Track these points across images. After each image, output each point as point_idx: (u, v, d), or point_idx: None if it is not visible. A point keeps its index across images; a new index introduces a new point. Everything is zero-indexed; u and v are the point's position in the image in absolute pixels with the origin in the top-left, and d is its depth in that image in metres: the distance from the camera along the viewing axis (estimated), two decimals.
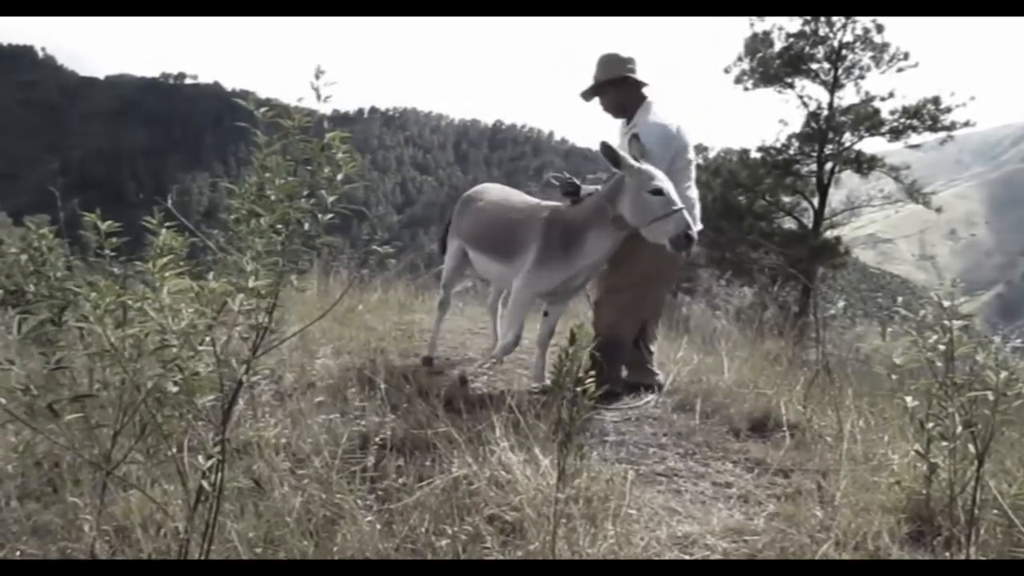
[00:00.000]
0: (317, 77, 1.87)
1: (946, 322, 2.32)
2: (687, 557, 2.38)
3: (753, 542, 2.46)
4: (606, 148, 3.50)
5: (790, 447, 3.28)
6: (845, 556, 2.34)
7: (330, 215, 1.98)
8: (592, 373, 2.15)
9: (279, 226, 1.91)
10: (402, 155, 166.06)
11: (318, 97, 1.89)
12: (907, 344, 2.41)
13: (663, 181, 3.50)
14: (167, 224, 2.07)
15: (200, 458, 1.84)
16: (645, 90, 4.06)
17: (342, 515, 2.32)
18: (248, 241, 1.84)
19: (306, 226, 1.96)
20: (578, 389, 2.10)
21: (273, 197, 1.89)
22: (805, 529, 2.49)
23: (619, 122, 4.25)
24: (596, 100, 4.15)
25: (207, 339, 1.78)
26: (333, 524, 2.31)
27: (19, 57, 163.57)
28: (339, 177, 1.94)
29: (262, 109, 1.94)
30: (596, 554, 2.24)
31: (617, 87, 4.05)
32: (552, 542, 2.18)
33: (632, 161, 3.52)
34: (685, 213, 3.46)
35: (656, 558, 2.33)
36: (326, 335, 4.30)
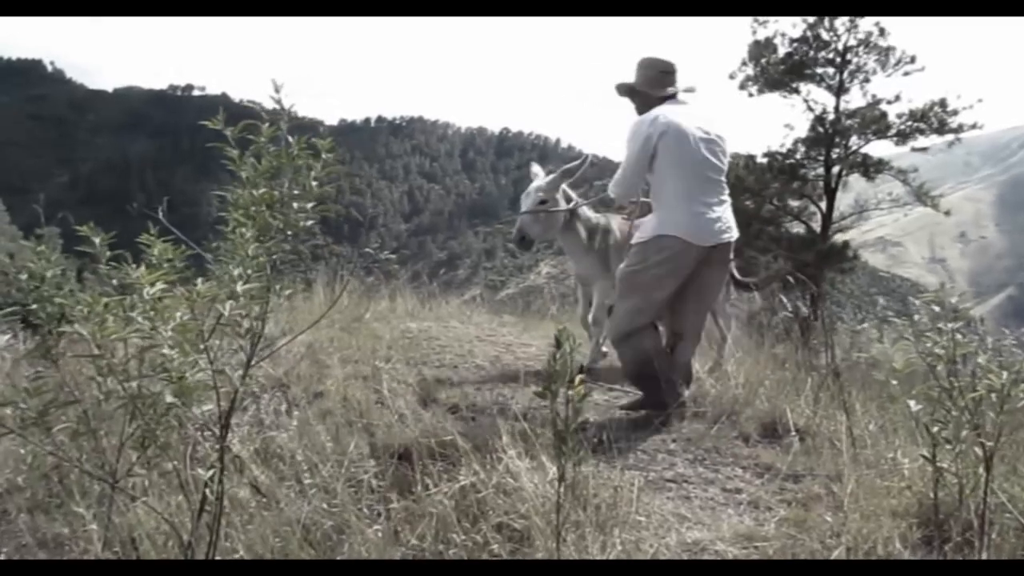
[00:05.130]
0: (277, 91, 2.00)
1: (942, 325, 2.28)
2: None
3: (763, 548, 2.43)
4: None
5: (799, 452, 3.25)
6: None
7: (311, 220, 2.02)
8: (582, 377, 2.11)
9: (263, 236, 1.93)
10: (409, 164, 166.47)
11: (280, 108, 1.99)
12: (905, 347, 2.38)
13: None
14: (166, 237, 2.07)
15: (200, 469, 1.84)
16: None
17: (348, 524, 2.32)
18: (239, 249, 1.85)
19: (289, 234, 1.99)
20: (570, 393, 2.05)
21: (252, 209, 1.92)
22: (816, 535, 2.47)
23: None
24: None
25: (202, 346, 1.78)
26: (340, 533, 2.30)
27: (28, 71, 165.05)
28: (313, 183, 1.99)
29: (231, 129, 2.01)
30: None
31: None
32: (558, 549, 2.17)
33: None
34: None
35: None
36: (333, 343, 4.30)
